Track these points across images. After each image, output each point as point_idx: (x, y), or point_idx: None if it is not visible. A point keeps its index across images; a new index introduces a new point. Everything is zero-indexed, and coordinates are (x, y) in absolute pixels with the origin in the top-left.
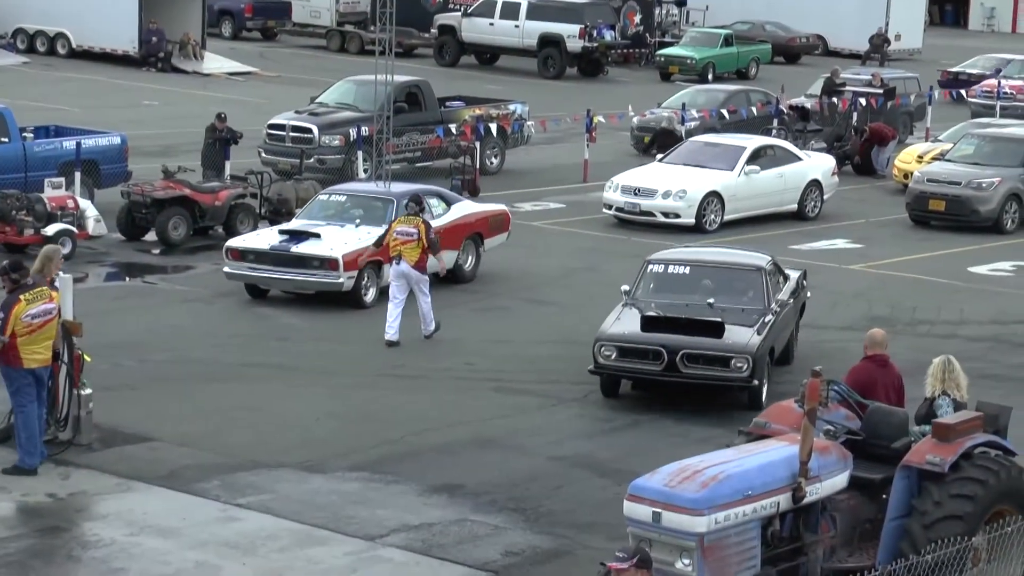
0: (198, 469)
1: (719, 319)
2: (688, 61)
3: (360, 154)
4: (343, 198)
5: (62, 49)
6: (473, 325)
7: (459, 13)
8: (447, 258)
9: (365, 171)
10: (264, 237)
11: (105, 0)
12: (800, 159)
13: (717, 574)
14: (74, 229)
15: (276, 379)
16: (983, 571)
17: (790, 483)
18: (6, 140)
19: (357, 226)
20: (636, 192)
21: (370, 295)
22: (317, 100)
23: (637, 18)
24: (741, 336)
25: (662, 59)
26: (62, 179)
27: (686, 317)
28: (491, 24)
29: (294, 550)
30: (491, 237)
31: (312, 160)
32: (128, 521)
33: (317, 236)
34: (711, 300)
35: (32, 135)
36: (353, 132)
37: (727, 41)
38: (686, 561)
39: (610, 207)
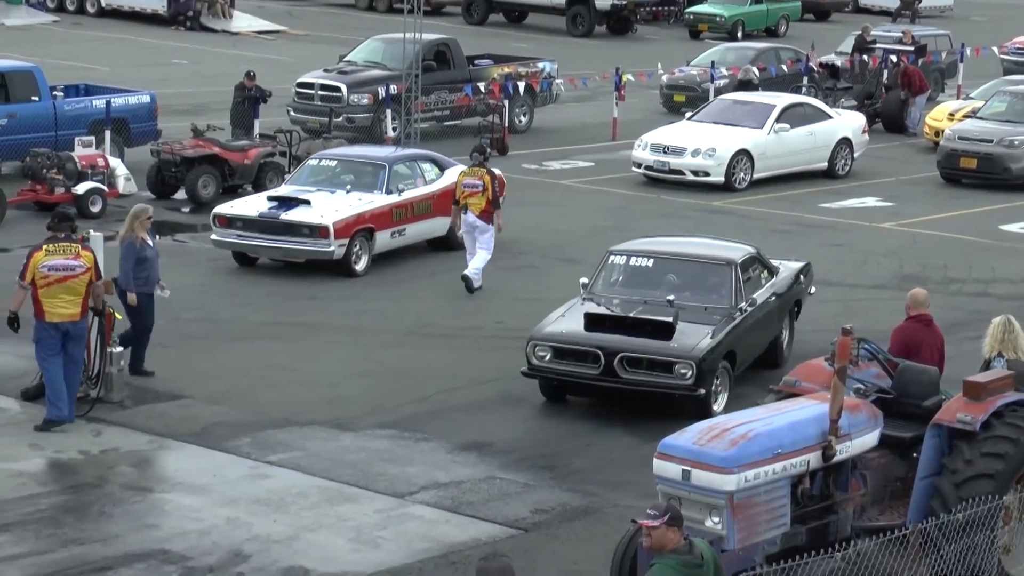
0: (229, 427)
1: (669, 319)
2: (717, 19)
3: (389, 112)
4: (334, 163)
5: (91, 8)
6: (503, 283)
7: None
8: (441, 225)
9: (394, 129)
10: (253, 204)
11: None
12: (830, 117)
13: (746, 532)
14: (104, 187)
15: (306, 337)
16: (1014, 529)
17: (820, 441)
18: (36, 99)
19: (348, 192)
20: (665, 150)
21: (361, 263)
22: (346, 58)
23: None
24: (689, 339)
25: (691, 17)
26: (92, 138)
27: (632, 316)
28: None
29: (324, 507)
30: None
31: (341, 119)
32: (160, 478)
33: (307, 203)
34: (671, 297)
35: (62, 94)
36: (382, 90)
37: None
38: (716, 519)
39: (639, 165)
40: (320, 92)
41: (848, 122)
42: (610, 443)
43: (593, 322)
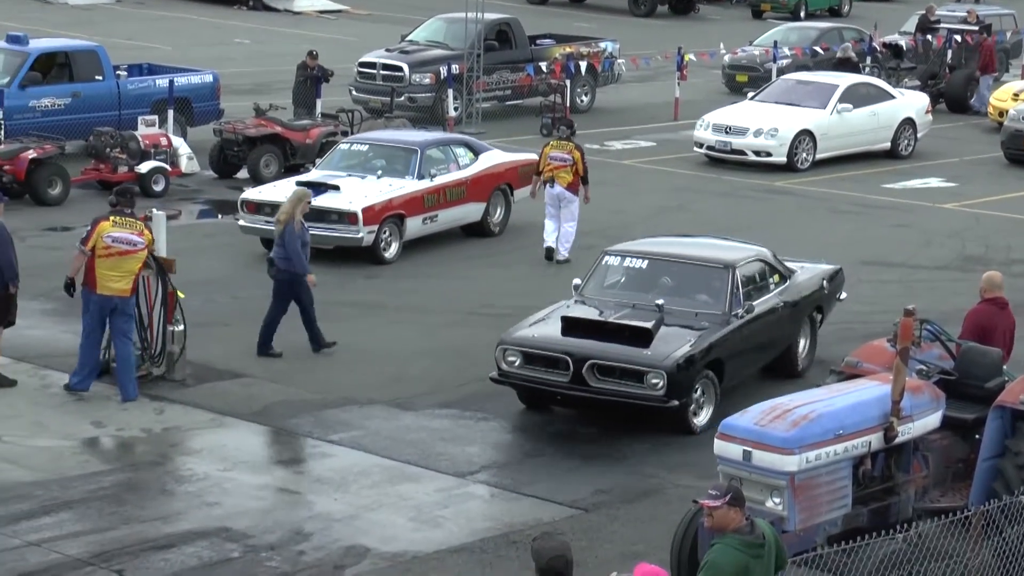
0: (290, 405)
1: (648, 325)
2: None
3: (450, 92)
4: (365, 147)
5: None
6: (563, 264)
7: None
8: (475, 210)
9: (455, 109)
10: (281, 189)
11: None
12: (893, 97)
13: (807, 513)
14: (167, 167)
15: (366, 317)
16: None
17: (882, 423)
18: (100, 78)
19: (379, 177)
20: (727, 130)
21: (392, 250)
22: (408, 38)
23: None
24: (666, 347)
25: None
26: (155, 117)
27: (609, 321)
28: None
29: (385, 486)
30: (522, 188)
31: (403, 98)
32: (221, 456)
33: (336, 188)
34: (660, 301)
35: (126, 73)
36: (443, 70)
37: None
38: (776, 500)
39: (701, 145)
40: (382, 72)
41: (911, 102)
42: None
43: (570, 326)
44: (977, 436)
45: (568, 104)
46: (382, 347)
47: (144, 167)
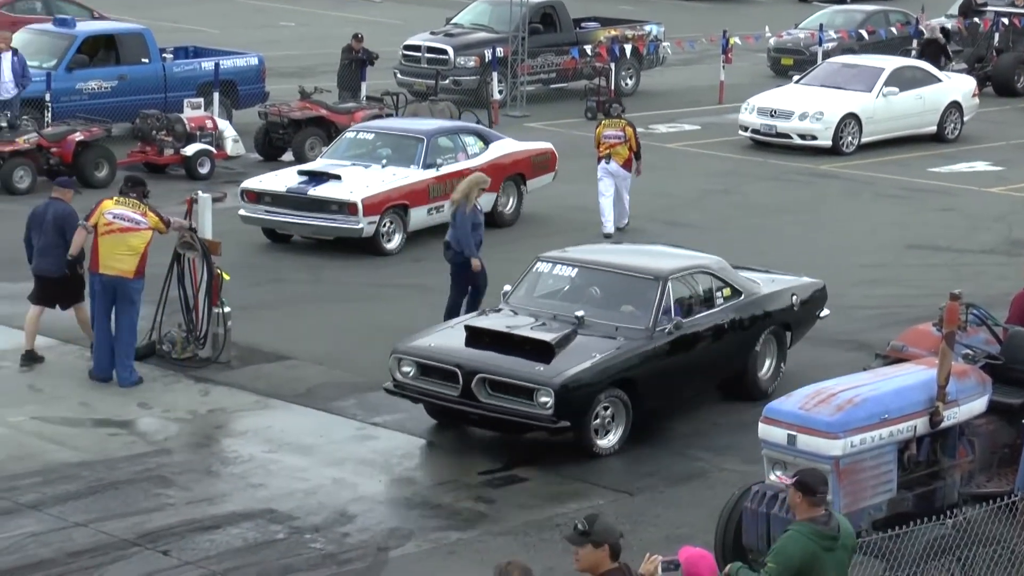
0: (334, 388)
1: (549, 338)
2: None
3: (495, 75)
4: (371, 136)
5: None
6: (622, 231)
7: None
8: (485, 200)
9: (500, 92)
10: (282, 178)
11: None
12: (940, 80)
13: (852, 497)
14: (212, 149)
15: (410, 299)
16: None
17: (927, 407)
18: (146, 61)
19: (384, 166)
20: (773, 114)
21: (394, 241)
22: (452, 21)
23: None
24: (563, 363)
25: None
26: (201, 100)
27: (513, 333)
28: None
29: (429, 468)
30: (535, 178)
31: (447, 81)
32: (266, 438)
33: (337, 178)
34: (580, 312)
35: (171, 56)
36: (488, 53)
37: None
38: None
39: (746, 129)
40: (427, 55)
41: (958, 85)
42: (714, 407)
43: (473, 337)
44: (1023, 421)
45: (613, 87)
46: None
47: (190, 150)
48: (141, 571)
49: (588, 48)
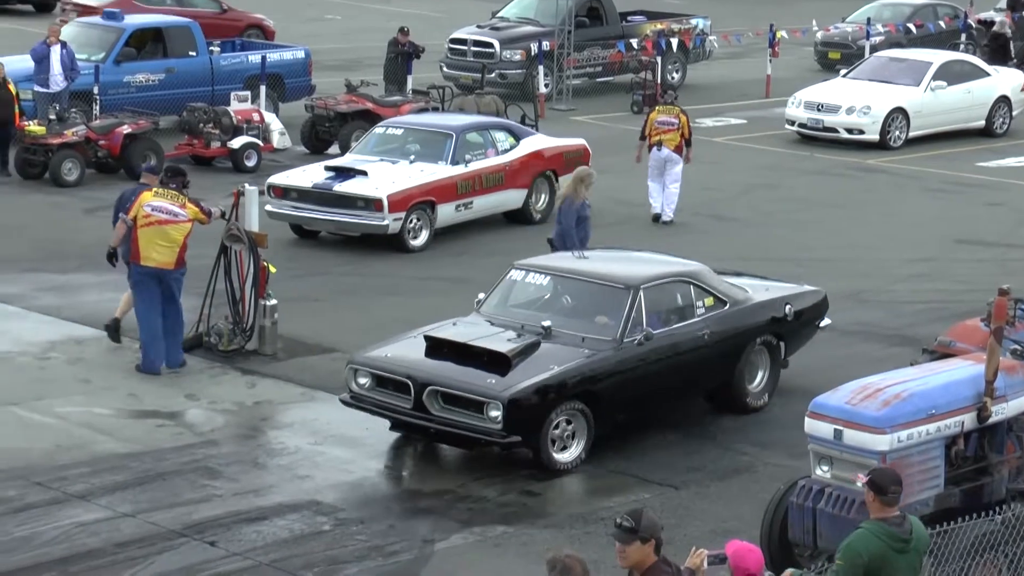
0: None
1: (506, 350)
2: None
3: (541, 69)
4: (400, 131)
5: None
6: (653, 239)
7: None
8: (515, 197)
9: (546, 86)
10: (309, 174)
11: None
12: (988, 75)
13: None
14: (259, 142)
15: (456, 293)
16: None
17: (975, 402)
18: (194, 54)
19: (411, 162)
20: (820, 108)
21: (420, 238)
22: (498, 14)
23: None
24: (518, 376)
25: None
26: (248, 93)
27: (470, 344)
28: None
29: (475, 462)
30: (567, 174)
31: (493, 75)
32: (312, 430)
33: (364, 174)
34: (547, 322)
35: (218, 49)
36: (534, 47)
37: None
38: (858, 483)
39: (793, 123)
40: (473, 48)
41: (1007, 80)
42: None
43: (432, 347)
44: None
45: (659, 81)
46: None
47: (236, 142)
48: (188, 561)
49: (634, 42)
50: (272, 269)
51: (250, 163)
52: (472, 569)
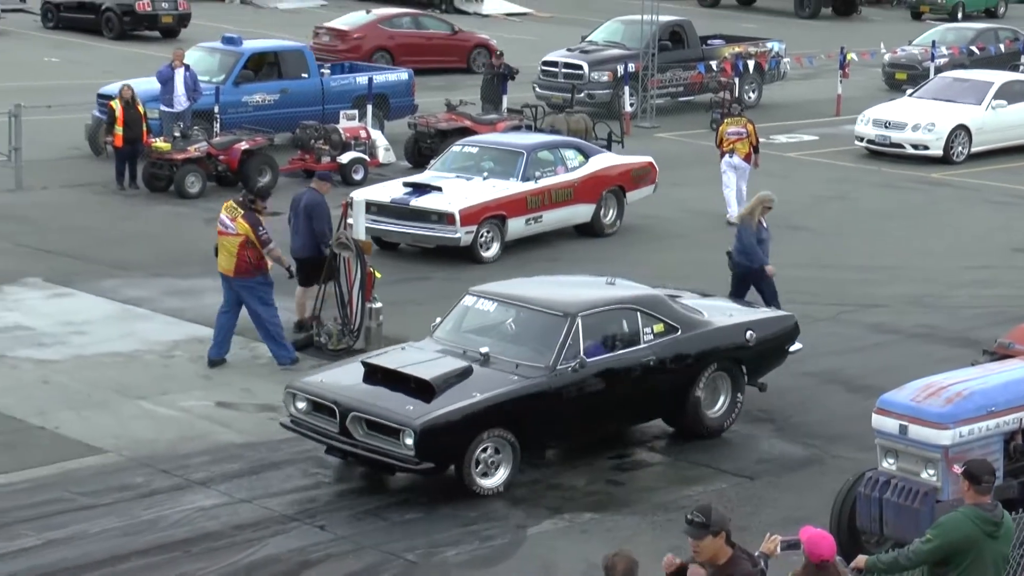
0: None
1: (430, 377)
2: (939, 1)
3: (627, 89)
4: (475, 150)
5: None
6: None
7: None
8: (583, 211)
9: (631, 105)
10: (387, 189)
11: None
12: None
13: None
14: (366, 157)
15: None
16: None
17: None
18: (306, 76)
19: (485, 179)
20: (887, 125)
21: (491, 250)
22: (587, 39)
23: None
24: (436, 403)
25: (914, 0)
26: (355, 111)
27: (398, 370)
28: None
29: (565, 453)
30: (634, 190)
31: (582, 94)
32: None
33: (439, 189)
34: (484, 349)
35: (328, 71)
36: (620, 68)
37: None
38: (931, 471)
39: (861, 139)
40: (563, 70)
41: None
42: (830, 398)
43: (368, 373)
44: None
45: (736, 98)
46: None
47: (345, 157)
48: (299, 544)
49: (714, 64)
50: (378, 275)
51: (357, 177)
52: (561, 553)
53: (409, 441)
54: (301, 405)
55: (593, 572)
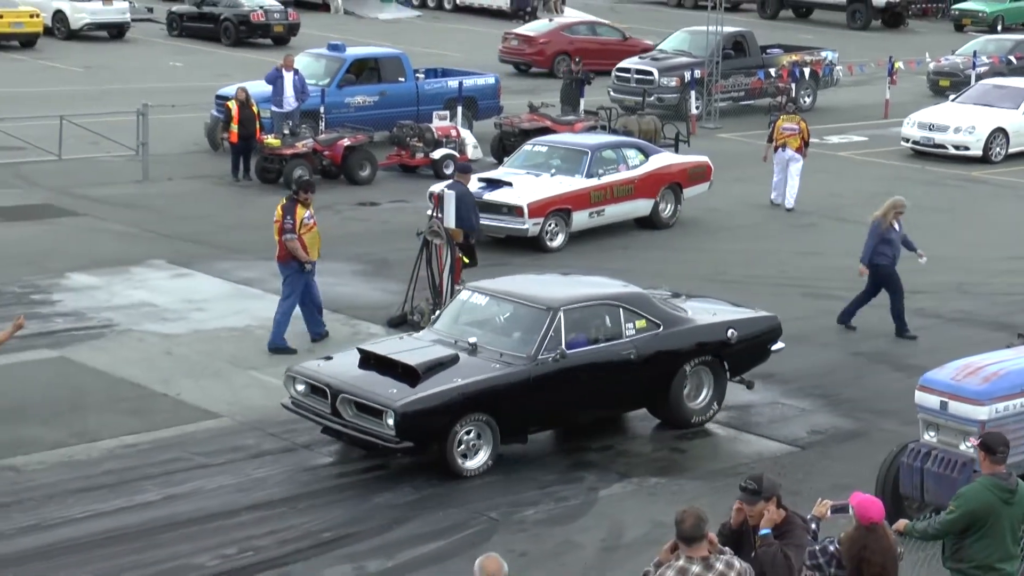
0: None
1: (416, 363)
2: (980, 14)
3: (692, 93)
4: (545, 149)
5: (448, 4)
6: (786, 239)
7: None
8: (643, 206)
9: (697, 108)
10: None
11: None
12: None
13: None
14: (456, 153)
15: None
16: None
17: None
18: (402, 80)
19: (552, 175)
20: (931, 127)
21: (557, 240)
22: (657, 47)
23: None
24: (420, 388)
25: (957, 13)
26: (447, 112)
27: (388, 356)
28: None
29: (636, 422)
30: (690, 187)
31: (652, 98)
32: None
33: (510, 184)
34: (473, 339)
35: (423, 76)
36: (687, 74)
37: None
38: (969, 444)
39: (907, 140)
40: (635, 76)
41: None
42: (878, 376)
43: (363, 359)
44: None
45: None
46: None
47: (437, 154)
48: (397, 502)
49: (772, 71)
50: (465, 260)
51: (448, 171)
52: (630, 513)
53: (390, 422)
54: (300, 388)
55: (657, 530)
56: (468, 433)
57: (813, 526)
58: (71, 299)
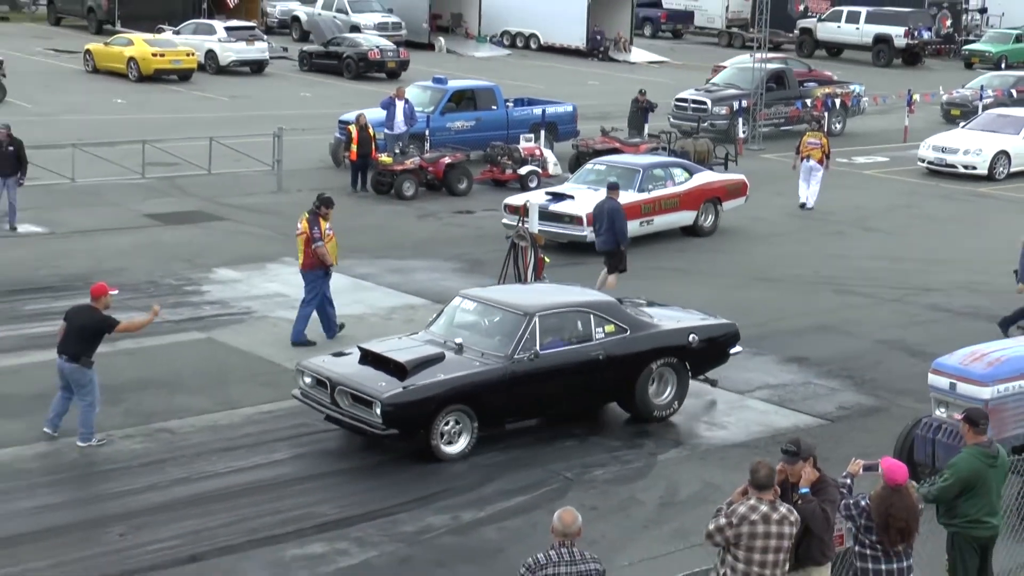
0: None
1: (404, 360)
2: (987, 54)
3: (740, 120)
4: (603, 167)
5: (533, 44)
6: (818, 243)
7: (815, 19)
8: (687, 217)
9: (743, 132)
10: (534, 196)
11: (564, 10)
12: None
13: (999, 428)
14: (539, 170)
15: (676, 280)
16: None
17: None
18: (495, 108)
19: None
20: (943, 150)
21: None
22: (711, 81)
23: (948, 22)
24: (406, 382)
25: (967, 52)
26: (532, 135)
27: (382, 353)
28: (838, 27)
29: (688, 400)
30: (728, 200)
31: (706, 124)
32: None
33: (572, 197)
34: (459, 340)
35: (512, 104)
36: (736, 104)
37: (1018, 39)
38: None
39: (923, 161)
40: (692, 105)
41: None
42: (897, 361)
43: (363, 356)
44: None
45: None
46: (685, 302)
47: (523, 170)
48: (485, 463)
49: (808, 101)
50: (547, 260)
51: (532, 185)
52: (684, 475)
53: (377, 411)
54: (307, 380)
55: (707, 489)
56: (449, 423)
57: (848, 482)
58: (217, 290)
